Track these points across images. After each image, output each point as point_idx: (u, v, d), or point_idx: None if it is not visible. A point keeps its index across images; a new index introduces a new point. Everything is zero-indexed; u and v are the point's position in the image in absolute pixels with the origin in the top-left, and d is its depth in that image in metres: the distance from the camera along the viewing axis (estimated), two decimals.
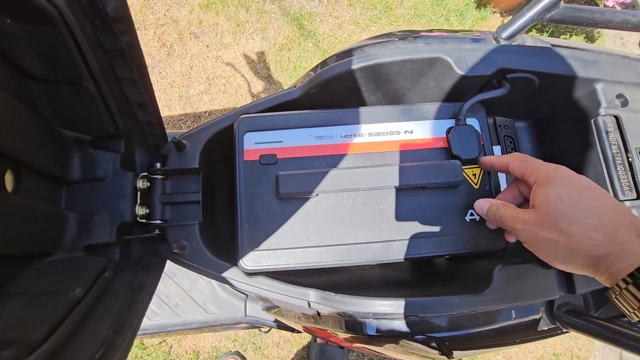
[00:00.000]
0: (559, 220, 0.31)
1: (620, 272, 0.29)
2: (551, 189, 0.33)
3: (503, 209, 0.37)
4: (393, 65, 0.44)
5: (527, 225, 0.34)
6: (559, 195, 0.32)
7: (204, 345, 1.25)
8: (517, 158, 0.38)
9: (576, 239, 0.30)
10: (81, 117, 0.38)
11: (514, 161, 0.38)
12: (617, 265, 0.29)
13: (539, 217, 0.33)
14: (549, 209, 0.32)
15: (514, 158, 0.39)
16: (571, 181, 0.33)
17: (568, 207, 0.31)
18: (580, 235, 0.30)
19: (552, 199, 0.32)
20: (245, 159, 0.44)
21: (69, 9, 0.29)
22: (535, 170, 0.35)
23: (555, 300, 0.44)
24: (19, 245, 0.31)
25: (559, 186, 0.33)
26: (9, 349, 0.24)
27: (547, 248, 0.33)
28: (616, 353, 1.37)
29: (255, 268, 0.42)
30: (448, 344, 0.44)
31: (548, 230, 0.32)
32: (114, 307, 0.37)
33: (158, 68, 1.40)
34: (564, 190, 0.32)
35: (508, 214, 0.36)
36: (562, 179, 0.33)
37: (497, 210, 0.38)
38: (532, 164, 0.36)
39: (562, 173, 0.34)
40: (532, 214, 0.34)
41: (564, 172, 0.34)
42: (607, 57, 0.46)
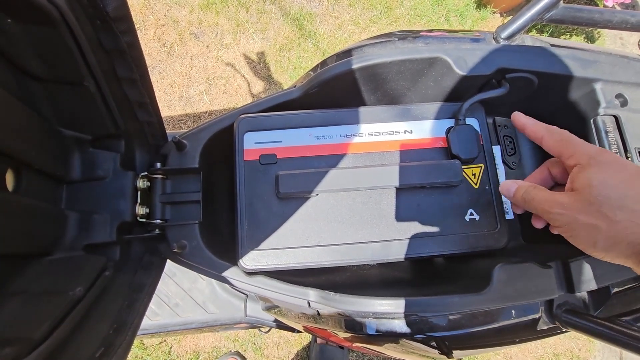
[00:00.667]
0: (604, 206, 0.29)
1: None
2: (595, 173, 0.31)
3: (535, 192, 0.35)
4: (392, 65, 0.44)
5: (565, 209, 0.32)
6: (605, 180, 0.30)
7: (204, 345, 1.25)
8: (555, 134, 0.35)
9: (621, 225, 0.29)
10: (81, 117, 0.38)
11: (550, 137, 0.35)
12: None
13: (579, 202, 0.31)
14: (593, 193, 0.30)
15: (551, 133, 0.36)
16: (618, 166, 0.31)
17: (614, 192, 0.29)
18: (626, 222, 0.28)
19: (597, 183, 0.30)
20: (245, 158, 0.44)
21: (69, 8, 0.29)
22: (576, 151, 0.33)
23: (554, 300, 0.44)
24: (20, 244, 0.31)
25: (605, 170, 0.31)
26: (9, 347, 0.24)
27: (586, 234, 0.31)
28: (616, 353, 1.37)
29: (255, 267, 0.42)
30: (448, 344, 0.44)
31: (589, 215, 0.30)
32: (114, 306, 0.37)
33: (158, 68, 1.40)
34: (610, 175, 0.30)
35: (541, 197, 0.34)
36: (608, 162, 0.31)
37: (527, 192, 0.36)
38: (574, 143, 0.34)
39: (607, 157, 0.32)
40: (571, 197, 0.32)
41: (610, 155, 0.32)
42: (606, 57, 0.46)
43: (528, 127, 0.38)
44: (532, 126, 0.38)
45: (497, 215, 0.44)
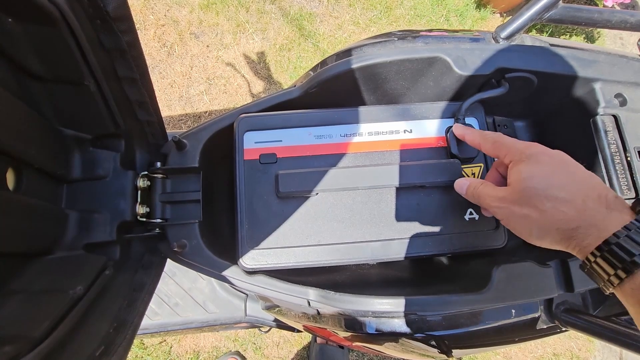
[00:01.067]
0: (532, 196, 0.32)
1: (589, 245, 0.29)
2: (524, 166, 0.33)
3: (481, 187, 0.38)
4: (392, 65, 0.44)
5: (503, 202, 0.34)
6: (531, 172, 0.33)
7: (204, 345, 1.25)
8: (489, 138, 0.38)
9: (548, 213, 0.31)
10: (82, 116, 0.38)
11: (485, 142, 0.38)
12: (586, 239, 0.29)
13: (513, 194, 0.33)
14: (522, 186, 0.33)
15: (485, 139, 0.39)
16: (544, 156, 0.33)
17: (540, 183, 0.32)
18: (552, 209, 0.31)
19: (525, 175, 0.33)
20: (245, 158, 0.45)
21: (70, 8, 0.29)
22: (509, 150, 0.36)
23: (554, 299, 0.44)
24: (20, 243, 0.31)
25: (532, 163, 0.33)
26: (9, 346, 0.24)
27: (521, 224, 0.33)
28: (616, 353, 1.37)
29: (255, 267, 0.42)
30: (447, 343, 0.44)
31: (522, 207, 0.33)
32: (114, 305, 0.37)
33: (158, 68, 1.40)
34: (536, 167, 0.33)
35: (485, 192, 0.37)
36: (535, 155, 0.34)
37: (475, 188, 0.38)
38: (505, 144, 0.36)
39: (534, 149, 0.34)
40: (507, 192, 0.34)
41: (537, 148, 0.34)
42: (606, 56, 0.46)
43: (467, 136, 0.42)
44: (470, 135, 0.41)
45: None
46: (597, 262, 0.29)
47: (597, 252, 0.29)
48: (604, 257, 0.28)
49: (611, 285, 0.29)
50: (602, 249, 0.28)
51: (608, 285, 0.29)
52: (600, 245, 0.28)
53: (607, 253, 0.28)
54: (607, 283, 0.29)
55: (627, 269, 0.27)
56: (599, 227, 0.29)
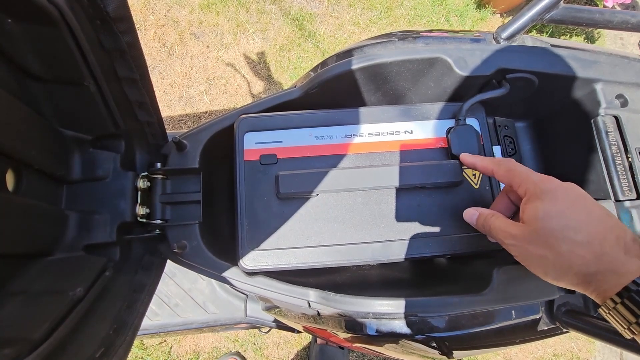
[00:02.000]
0: (549, 237, 0.31)
1: (608, 291, 0.29)
2: (540, 204, 0.32)
3: (492, 220, 0.36)
4: (393, 66, 0.44)
5: (517, 240, 0.33)
6: (548, 211, 0.31)
7: (204, 345, 1.25)
8: (502, 167, 0.37)
9: (565, 257, 0.30)
10: (82, 117, 0.38)
11: (499, 169, 0.37)
12: (604, 285, 0.29)
13: (528, 233, 0.32)
14: (538, 226, 0.31)
15: (499, 166, 0.37)
16: (560, 194, 0.32)
17: (557, 224, 0.31)
18: (569, 253, 0.30)
19: (541, 215, 0.32)
20: (245, 158, 0.44)
21: (69, 8, 0.29)
22: (523, 181, 0.34)
23: (554, 300, 0.44)
24: (20, 244, 0.31)
25: (548, 200, 0.32)
26: (9, 347, 0.24)
27: (537, 264, 0.32)
28: (617, 354, 1.37)
29: (256, 268, 0.42)
30: (448, 344, 0.44)
31: (538, 247, 0.31)
32: (114, 307, 0.37)
33: (158, 68, 1.40)
34: (553, 205, 0.32)
35: (497, 226, 0.36)
36: (551, 191, 0.32)
37: (486, 220, 0.37)
38: (520, 174, 0.35)
39: (550, 185, 0.33)
40: (521, 230, 0.33)
41: (553, 184, 0.33)
42: (607, 57, 0.46)
43: (478, 164, 0.40)
44: (481, 162, 0.40)
45: None
46: (617, 309, 0.28)
47: (617, 298, 0.28)
48: (624, 305, 0.27)
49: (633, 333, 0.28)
50: (622, 296, 0.28)
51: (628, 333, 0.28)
52: (620, 292, 0.28)
53: (628, 300, 0.27)
54: (628, 330, 0.28)
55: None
56: (618, 273, 0.28)
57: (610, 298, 0.28)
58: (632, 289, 0.27)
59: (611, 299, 0.28)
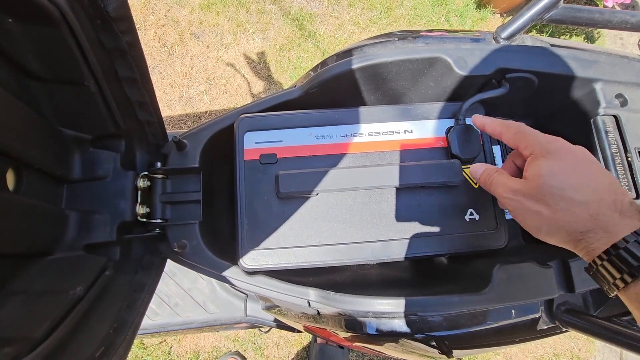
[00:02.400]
0: (547, 194, 0.32)
1: (596, 249, 0.29)
2: (544, 162, 0.33)
3: (495, 175, 0.37)
4: (393, 65, 0.44)
5: (516, 194, 0.34)
6: (551, 169, 0.32)
7: (204, 345, 1.25)
8: (511, 129, 0.37)
9: (560, 214, 0.31)
10: (82, 117, 0.38)
11: (508, 131, 0.37)
12: (594, 243, 0.29)
13: (528, 189, 0.33)
14: (539, 182, 0.32)
15: (507, 128, 0.38)
16: (565, 154, 0.33)
17: (558, 182, 0.31)
18: (565, 210, 0.31)
19: (544, 172, 0.32)
20: (245, 158, 0.44)
21: (70, 8, 0.29)
22: (530, 142, 0.35)
23: (554, 300, 0.44)
24: (20, 243, 0.31)
25: (552, 159, 0.33)
26: (9, 347, 0.24)
27: (531, 219, 0.33)
28: (616, 353, 1.37)
29: (256, 267, 0.42)
30: (448, 343, 0.44)
31: (535, 202, 0.32)
32: (114, 306, 0.37)
33: (159, 68, 1.40)
34: (557, 164, 0.32)
35: (498, 181, 0.36)
36: (556, 151, 0.33)
37: (489, 175, 0.38)
38: (527, 135, 0.36)
39: (556, 145, 0.34)
40: (522, 184, 0.34)
41: (559, 144, 0.34)
42: (606, 57, 0.46)
43: (487, 125, 0.40)
44: (491, 123, 0.40)
45: (497, 215, 0.44)
46: (604, 266, 0.29)
47: (604, 255, 0.29)
48: (611, 261, 0.28)
49: (616, 288, 0.29)
50: (610, 253, 0.28)
51: (613, 289, 0.29)
52: (608, 249, 0.29)
53: (615, 257, 0.28)
54: (612, 286, 0.29)
55: (633, 273, 0.27)
56: (610, 232, 0.29)
57: (598, 256, 0.29)
58: (620, 246, 0.28)
59: (599, 257, 0.29)
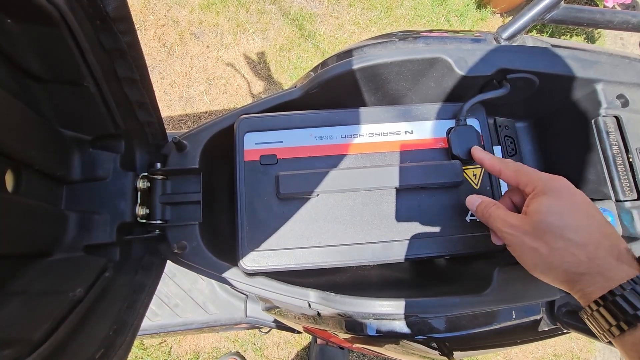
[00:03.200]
0: (547, 232, 0.32)
1: (592, 293, 0.29)
2: (545, 200, 0.33)
3: (493, 208, 0.37)
4: (393, 66, 0.44)
5: (515, 230, 0.34)
6: (552, 207, 0.32)
7: (204, 345, 1.25)
8: (510, 167, 0.37)
9: (558, 253, 0.31)
10: (81, 117, 0.38)
11: (506, 169, 0.38)
12: (591, 287, 0.29)
13: (527, 225, 0.33)
14: (539, 219, 0.32)
15: (506, 166, 0.38)
16: (566, 194, 0.33)
17: (558, 221, 0.31)
18: (562, 250, 0.31)
19: (545, 209, 0.32)
20: (245, 159, 0.44)
21: (69, 9, 0.29)
22: (531, 180, 0.35)
23: (555, 301, 0.44)
24: (20, 244, 0.31)
25: (553, 197, 0.33)
26: (9, 348, 0.24)
27: (529, 256, 0.33)
28: (616, 354, 1.37)
29: (256, 268, 0.42)
30: (448, 345, 0.44)
31: (534, 239, 0.32)
32: (114, 307, 0.37)
33: (158, 68, 1.40)
34: (557, 203, 0.32)
35: (497, 215, 0.36)
36: (558, 190, 0.33)
37: (487, 208, 0.38)
38: (528, 173, 0.36)
39: (558, 184, 0.34)
40: (521, 221, 0.34)
41: (561, 183, 0.34)
42: (608, 57, 0.46)
43: (486, 162, 0.40)
44: (489, 160, 0.40)
45: None
46: (600, 312, 0.29)
47: (600, 301, 0.29)
48: (607, 307, 0.28)
49: (611, 335, 0.29)
50: (606, 299, 0.28)
51: (607, 335, 0.29)
52: (605, 295, 0.29)
53: (611, 304, 0.28)
54: (607, 333, 0.29)
55: (629, 321, 0.27)
56: (606, 276, 0.29)
57: (593, 301, 0.29)
58: (617, 293, 0.28)
59: (595, 302, 0.29)
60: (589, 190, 0.46)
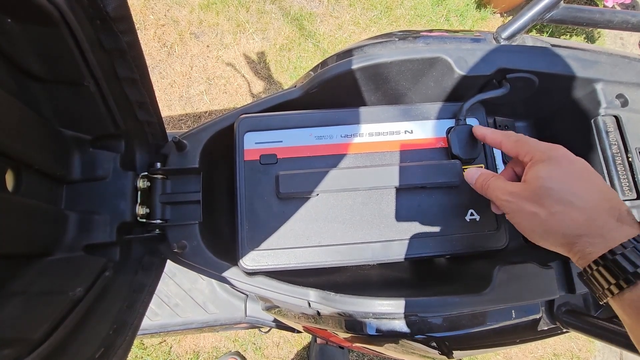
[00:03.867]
0: (545, 196, 0.32)
1: (592, 254, 0.30)
2: (544, 166, 0.33)
3: (492, 179, 0.38)
4: (393, 65, 0.44)
5: (513, 197, 0.34)
6: (550, 173, 0.33)
7: (204, 345, 1.25)
8: (511, 137, 0.38)
9: (557, 216, 0.31)
10: (81, 117, 0.38)
11: (507, 141, 0.38)
12: (590, 247, 0.30)
13: (526, 191, 0.33)
14: (538, 184, 0.33)
15: (508, 137, 0.38)
16: (565, 161, 0.33)
17: (556, 184, 0.32)
18: (561, 213, 0.31)
19: (543, 174, 0.33)
20: (245, 158, 0.44)
21: (69, 9, 0.29)
22: (531, 149, 0.35)
23: (555, 300, 0.44)
24: (20, 244, 0.31)
25: (552, 164, 0.33)
26: (9, 348, 0.24)
27: (527, 221, 0.33)
28: (616, 354, 1.37)
29: (256, 268, 0.42)
30: (448, 344, 0.44)
31: (532, 204, 0.33)
32: (114, 307, 0.37)
33: (158, 68, 1.40)
34: (556, 169, 0.33)
35: (496, 185, 0.37)
36: (557, 157, 0.34)
37: (486, 180, 0.38)
38: (528, 143, 0.36)
39: (557, 152, 0.34)
40: (520, 187, 0.34)
41: (560, 151, 0.34)
42: (607, 57, 0.46)
43: (488, 136, 0.41)
44: (491, 134, 0.41)
45: (498, 215, 0.44)
46: (599, 271, 0.29)
47: (600, 260, 0.29)
48: (606, 267, 0.28)
49: (610, 293, 0.29)
50: (606, 258, 0.28)
51: (606, 294, 0.29)
52: (605, 254, 0.29)
53: (611, 262, 0.28)
54: (607, 291, 0.29)
55: (629, 279, 0.27)
56: (606, 237, 0.29)
57: (593, 260, 0.29)
58: (617, 252, 0.28)
59: (594, 262, 0.29)
60: None
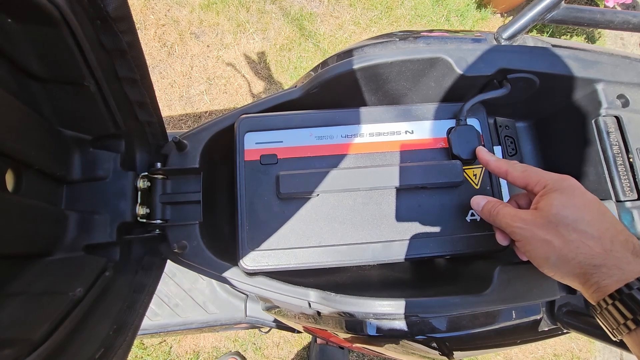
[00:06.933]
0: (560, 225, 0.31)
1: (608, 286, 0.29)
2: (557, 195, 0.33)
3: (501, 207, 0.37)
4: (394, 66, 0.44)
5: (526, 224, 0.34)
6: (565, 203, 0.32)
7: (204, 345, 1.25)
8: (518, 167, 0.37)
9: (573, 244, 0.31)
10: (82, 117, 0.38)
11: (514, 170, 0.37)
12: (607, 279, 0.29)
13: (540, 218, 0.33)
14: (552, 212, 0.32)
15: (514, 167, 0.38)
16: (578, 192, 0.33)
17: (571, 214, 0.32)
18: (577, 242, 0.31)
19: (557, 203, 0.32)
20: (245, 159, 0.44)
21: (70, 8, 0.29)
22: (541, 178, 0.35)
23: (556, 301, 0.44)
24: (20, 244, 0.31)
25: (566, 194, 0.33)
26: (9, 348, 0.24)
27: (540, 249, 0.33)
28: (617, 354, 1.37)
29: (256, 268, 0.42)
30: (448, 345, 0.44)
31: (546, 232, 0.32)
32: (114, 307, 0.37)
33: (159, 68, 1.40)
34: (570, 199, 0.32)
35: (506, 212, 0.36)
36: (569, 188, 0.33)
37: (494, 207, 0.38)
38: (537, 172, 0.36)
39: (569, 183, 0.34)
40: (532, 214, 0.34)
41: (572, 182, 0.34)
42: (608, 57, 0.46)
43: (491, 163, 0.40)
44: (495, 162, 0.40)
45: None
46: (615, 305, 0.28)
47: (616, 294, 0.28)
48: (622, 301, 0.28)
49: (627, 329, 0.28)
50: (622, 292, 0.28)
51: (622, 330, 0.29)
52: (621, 288, 0.28)
53: (627, 297, 0.28)
54: (622, 327, 0.28)
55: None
56: (624, 270, 0.29)
57: (609, 294, 0.29)
58: (633, 286, 0.27)
59: (610, 295, 0.29)
60: (589, 190, 0.46)
